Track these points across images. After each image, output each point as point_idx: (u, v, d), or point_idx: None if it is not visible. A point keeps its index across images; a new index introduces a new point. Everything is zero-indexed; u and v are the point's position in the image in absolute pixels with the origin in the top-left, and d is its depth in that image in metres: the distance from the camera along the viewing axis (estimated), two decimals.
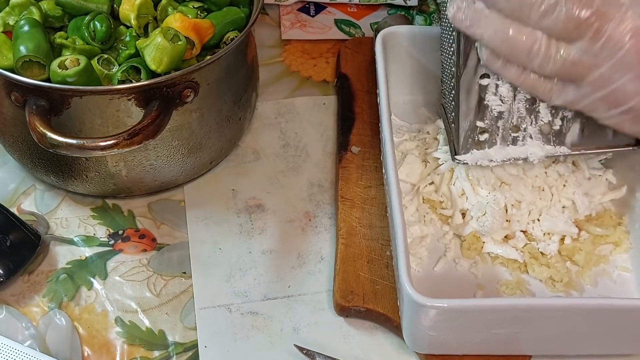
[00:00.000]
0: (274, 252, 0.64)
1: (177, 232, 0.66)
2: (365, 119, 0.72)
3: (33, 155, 0.63)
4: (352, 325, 0.60)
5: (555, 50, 0.50)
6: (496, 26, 0.51)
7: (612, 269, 0.61)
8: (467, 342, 0.56)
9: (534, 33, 0.50)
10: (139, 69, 0.59)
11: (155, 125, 0.55)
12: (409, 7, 0.87)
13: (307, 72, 0.80)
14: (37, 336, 0.59)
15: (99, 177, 0.63)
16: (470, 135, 0.58)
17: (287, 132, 0.74)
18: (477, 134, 0.58)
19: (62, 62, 0.57)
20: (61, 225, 0.66)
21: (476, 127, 0.58)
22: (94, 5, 0.62)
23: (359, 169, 0.68)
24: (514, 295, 0.60)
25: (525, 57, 0.51)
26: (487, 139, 0.58)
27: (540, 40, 0.50)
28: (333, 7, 0.87)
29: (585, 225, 0.62)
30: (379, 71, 0.64)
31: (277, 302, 0.61)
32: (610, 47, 0.48)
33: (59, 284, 0.62)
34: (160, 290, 0.62)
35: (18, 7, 0.62)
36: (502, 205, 0.61)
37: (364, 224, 0.64)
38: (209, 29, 0.62)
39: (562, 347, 0.57)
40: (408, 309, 0.53)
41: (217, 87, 0.62)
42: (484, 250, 0.62)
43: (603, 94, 0.50)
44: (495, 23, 0.51)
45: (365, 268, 0.61)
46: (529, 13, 0.49)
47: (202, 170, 0.69)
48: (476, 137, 0.58)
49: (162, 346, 0.59)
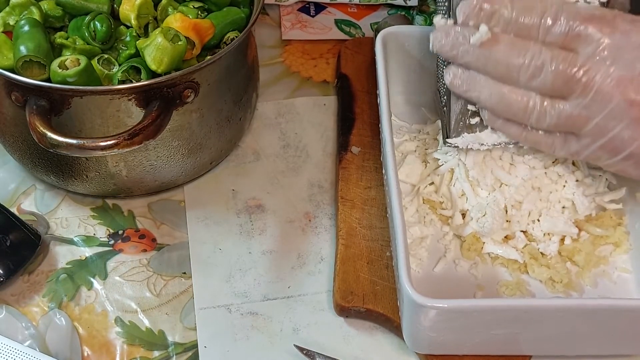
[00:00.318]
0: (274, 252, 0.64)
1: (177, 232, 0.66)
2: (366, 120, 0.72)
3: (33, 155, 0.63)
4: (352, 325, 0.60)
5: (550, 106, 0.51)
6: (491, 89, 0.53)
7: (612, 269, 0.61)
8: (467, 343, 0.56)
9: (526, 92, 0.52)
10: (139, 69, 0.59)
11: (155, 125, 0.55)
12: (409, 7, 0.87)
13: (307, 72, 0.80)
14: (37, 336, 0.59)
15: (99, 177, 0.63)
16: (461, 119, 0.58)
17: (287, 132, 0.74)
18: (468, 117, 0.58)
19: (62, 62, 0.57)
20: (61, 225, 0.66)
21: (467, 110, 0.58)
22: (94, 5, 0.62)
23: (359, 170, 0.68)
24: (514, 295, 0.60)
25: (521, 115, 0.53)
26: (478, 122, 0.58)
27: (534, 99, 0.52)
28: (333, 7, 0.87)
29: (585, 226, 0.62)
30: (379, 71, 0.64)
31: (277, 302, 0.61)
32: (600, 99, 0.49)
33: (59, 284, 0.62)
34: (160, 291, 0.62)
35: (18, 7, 0.62)
36: (502, 206, 0.61)
37: (364, 225, 0.64)
38: (209, 29, 0.62)
39: (562, 347, 0.57)
40: (408, 309, 0.53)
41: (217, 87, 0.62)
42: (484, 251, 0.62)
43: (602, 143, 0.51)
44: (490, 86, 0.53)
45: (365, 269, 0.61)
46: (517, 76, 0.52)
47: (202, 171, 0.69)
48: (467, 121, 0.59)
49: (162, 346, 0.59)
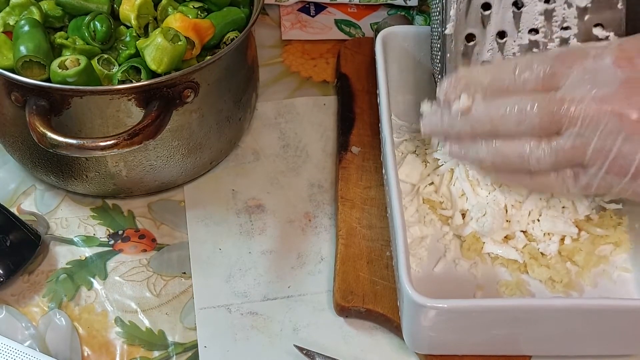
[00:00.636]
0: (273, 252, 0.64)
1: (177, 232, 0.66)
2: (366, 119, 0.72)
3: (33, 155, 0.63)
4: (352, 325, 0.60)
5: (545, 146, 0.51)
6: (486, 147, 0.53)
7: (612, 269, 0.61)
8: (467, 343, 0.56)
9: (519, 141, 0.52)
10: (139, 69, 0.59)
11: (155, 125, 0.55)
12: (409, 7, 0.87)
13: (307, 72, 0.80)
14: (37, 336, 0.59)
15: (99, 177, 0.63)
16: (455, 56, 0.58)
17: (287, 132, 0.74)
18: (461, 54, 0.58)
19: (62, 62, 0.57)
20: (61, 225, 0.66)
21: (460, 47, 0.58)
22: (94, 5, 0.62)
23: (359, 170, 0.68)
24: (514, 295, 0.60)
25: (520, 162, 0.52)
26: None
27: (528, 143, 0.51)
28: (333, 7, 0.87)
29: (585, 226, 0.62)
30: (379, 71, 0.64)
31: (277, 302, 0.61)
32: (590, 122, 0.49)
33: (59, 284, 0.62)
34: (160, 291, 0.62)
35: (18, 7, 0.62)
36: (502, 206, 0.61)
37: (363, 225, 0.64)
38: (209, 29, 0.62)
39: (562, 347, 0.57)
40: (408, 309, 0.53)
41: (217, 87, 0.62)
42: (483, 251, 0.62)
43: (607, 166, 0.50)
44: (484, 145, 0.53)
45: (365, 268, 0.61)
46: (505, 128, 0.52)
47: (202, 171, 0.69)
48: None
49: (162, 346, 0.59)
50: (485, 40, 0.57)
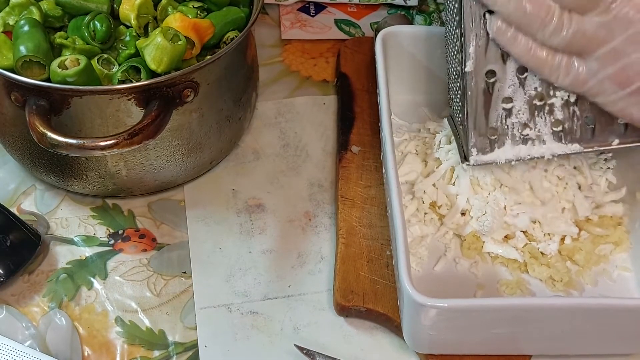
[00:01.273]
0: (274, 251, 0.64)
1: (177, 232, 0.66)
2: (365, 119, 0.72)
3: (33, 155, 0.63)
4: (352, 325, 0.60)
5: (568, 20, 0.49)
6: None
7: (612, 268, 0.61)
8: (467, 342, 0.56)
9: (547, 1, 0.49)
10: (139, 69, 0.59)
11: (155, 125, 0.55)
12: (409, 7, 0.87)
13: (307, 71, 0.80)
14: (37, 336, 0.59)
15: (99, 177, 0.63)
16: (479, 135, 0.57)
17: (287, 132, 0.74)
18: (487, 134, 0.57)
19: (62, 62, 0.57)
20: (61, 225, 0.66)
21: (486, 127, 0.57)
22: (94, 5, 0.62)
23: (359, 169, 0.68)
24: (514, 295, 0.60)
25: (537, 25, 0.50)
26: (496, 139, 0.57)
27: (554, 10, 0.49)
28: (333, 7, 0.87)
29: (585, 225, 0.62)
30: (379, 71, 0.64)
31: (277, 301, 0.61)
32: (622, 21, 0.47)
33: (59, 284, 0.62)
34: (160, 290, 0.62)
35: (18, 7, 0.62)
36: (502, 205, 0.61)
37: (364, 224, 0.64)
38: (209, 29, 0.62)
39: (562, 346, 0.57)
40: (408, 308, 0.53)
41: (217, 87, 0.62)
42: (484, 250, 0.62)
43: (613, 70, 0.48)
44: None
45: (366, 268, 0.61)
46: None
47: (202, 170, 0.69)
48: (486, 138, 0.57)
49: (162, 346, 0.59)
50: (506, 76, 0.56)
